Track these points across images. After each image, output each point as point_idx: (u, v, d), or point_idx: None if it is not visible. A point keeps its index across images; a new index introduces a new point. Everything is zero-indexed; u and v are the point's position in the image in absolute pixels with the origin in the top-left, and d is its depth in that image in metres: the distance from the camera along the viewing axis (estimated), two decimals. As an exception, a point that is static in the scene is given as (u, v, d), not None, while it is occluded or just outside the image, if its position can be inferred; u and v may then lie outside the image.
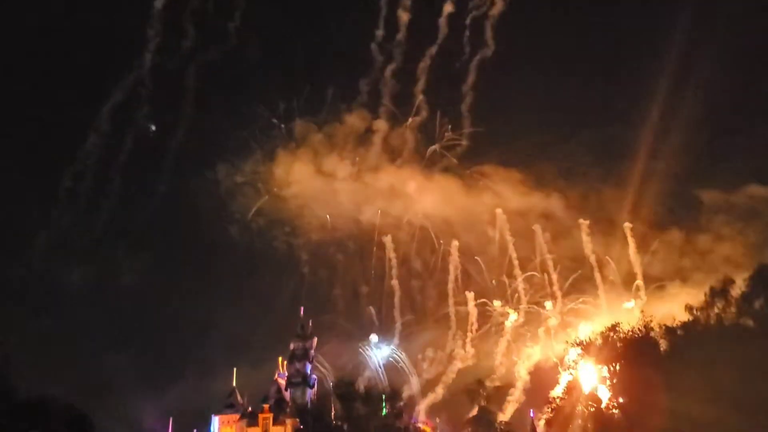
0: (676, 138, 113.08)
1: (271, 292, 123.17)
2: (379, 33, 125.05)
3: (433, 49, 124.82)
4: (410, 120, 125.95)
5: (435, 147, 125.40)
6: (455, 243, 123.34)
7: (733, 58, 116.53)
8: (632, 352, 66.00)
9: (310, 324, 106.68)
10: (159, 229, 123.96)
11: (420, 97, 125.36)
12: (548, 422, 74.11)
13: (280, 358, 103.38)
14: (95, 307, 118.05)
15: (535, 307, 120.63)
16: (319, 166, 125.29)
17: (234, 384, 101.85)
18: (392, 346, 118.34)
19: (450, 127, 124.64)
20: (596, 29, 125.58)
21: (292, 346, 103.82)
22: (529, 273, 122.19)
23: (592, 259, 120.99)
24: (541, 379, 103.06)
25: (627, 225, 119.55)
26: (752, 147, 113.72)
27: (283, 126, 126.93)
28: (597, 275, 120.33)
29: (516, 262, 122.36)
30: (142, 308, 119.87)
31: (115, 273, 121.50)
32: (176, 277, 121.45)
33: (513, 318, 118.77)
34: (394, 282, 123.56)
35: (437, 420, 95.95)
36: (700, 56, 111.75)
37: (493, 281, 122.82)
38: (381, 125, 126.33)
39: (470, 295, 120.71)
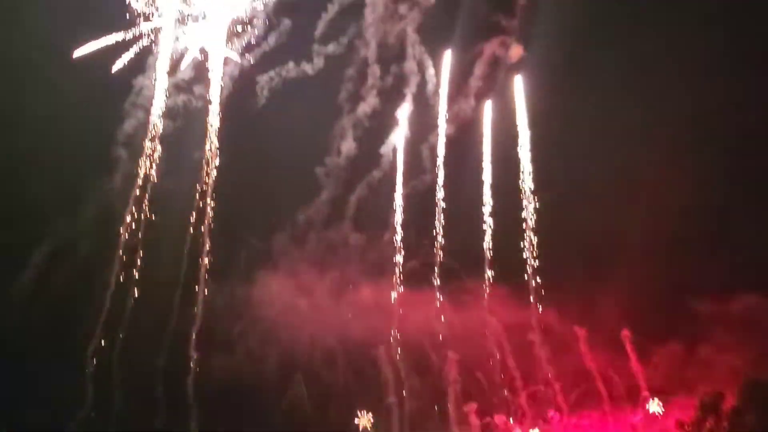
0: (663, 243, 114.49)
1: (260, 414, 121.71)
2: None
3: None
4: (385, 236, 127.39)
5: (414, 263, 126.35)
6: (452, 355, 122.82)
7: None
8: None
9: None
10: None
11: (395, 216, 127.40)
12: None
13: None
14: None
15: (541, 422, 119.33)
16: (298, 284, 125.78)
17: None
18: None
19: (427, 243, 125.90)
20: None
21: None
22: (532, 388, 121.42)
23: (593, 371, 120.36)
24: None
25: (625, 334, 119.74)
26: (736, 255, 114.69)
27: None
28: (601, 387, 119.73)
29: (516, 374, 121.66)
30: None
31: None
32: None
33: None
34: (392, 399, 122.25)
35: None
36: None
37: (494, 399, 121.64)
38: (357, 239, 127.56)
39: (471, 407, 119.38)
